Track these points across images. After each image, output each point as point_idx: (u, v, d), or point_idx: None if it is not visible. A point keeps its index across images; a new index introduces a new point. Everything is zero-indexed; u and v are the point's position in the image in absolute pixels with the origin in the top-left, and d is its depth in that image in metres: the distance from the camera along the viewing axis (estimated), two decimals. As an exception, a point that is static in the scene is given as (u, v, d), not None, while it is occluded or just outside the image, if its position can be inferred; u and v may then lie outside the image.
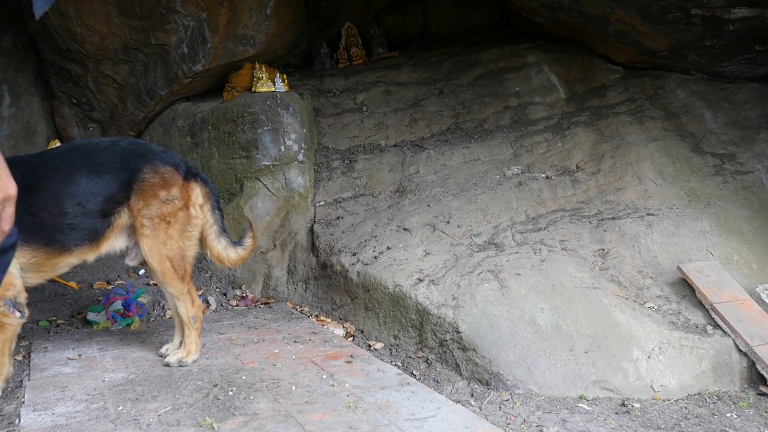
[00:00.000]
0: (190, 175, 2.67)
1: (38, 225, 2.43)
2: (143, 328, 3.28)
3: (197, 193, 2.67)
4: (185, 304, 2.67)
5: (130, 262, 2.74)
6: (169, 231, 2.58)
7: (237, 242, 2.83)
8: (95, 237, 2.54)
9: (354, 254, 3.37)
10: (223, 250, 2.76)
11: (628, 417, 2.43)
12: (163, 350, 2.81)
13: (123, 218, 2.57)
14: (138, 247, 2.65)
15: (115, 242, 2.62)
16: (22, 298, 2.45)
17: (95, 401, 2.29)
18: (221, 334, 3.07)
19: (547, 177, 3.74)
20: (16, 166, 2.48)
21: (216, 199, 2.77)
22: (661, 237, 3.25)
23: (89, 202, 2.49)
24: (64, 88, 4.58)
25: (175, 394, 2.33)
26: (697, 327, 2.84)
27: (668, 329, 2.76)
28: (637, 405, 2.53)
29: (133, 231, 2.61)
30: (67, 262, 2.54)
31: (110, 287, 3.78)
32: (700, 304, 2.94)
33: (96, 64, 4.35)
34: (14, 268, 2.41)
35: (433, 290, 2.93)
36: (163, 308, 3.50)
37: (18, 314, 2.42)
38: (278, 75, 4.36)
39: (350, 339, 3.09)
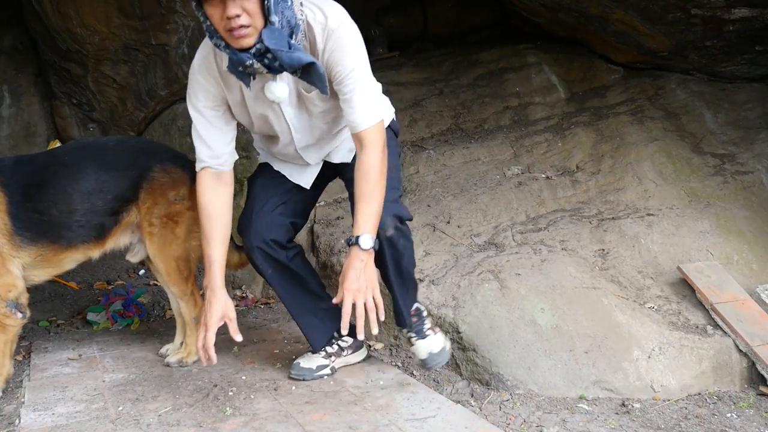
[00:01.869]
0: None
1: (47, 223, 2.43)
2: (143, 329, 3.28)
3: None
4: (188, 305, 2.67)
5: (132, 258, 2.73)
6: (176, 231, 2.58)
7: (240, 246, 2.82)
8: (102, 234, 2.54)
9: (354, 254, 3.36)
10: (226, 253, 2.74)
11: (628, 417, 2.44)
12: (163, 350, 2.81)
13: (131, 216, 2.57)
14: (140, 244, 2.65)
15: (119, 239, 2.62)
16: (24, 299, 2.45)
17: (95, 401, 2.29)
18: (221, 334, 3.07)
19: (548, 177, 3.74)
20: (23, 165, 2.49)
21: None
22: (662, 237, 3.25)
23: (98, 200, 2.49)
24: (64, 89, 4.58)
25: (176, 394, 2.34)
26: (698, 327, 2.85)
27: (668, 329, 2.77)
28: (637, 405, 2.53)
29: (137, 229, 2.61)
30: (73, 258, 2.55)
31: (110, 287, 3.78)
32: (700, 305, 2.94)
33: (96, 65, 4.35)
34: (16, 269, 2.41)
35: (433, 290, 2.93)
36: (163, 308, 3.50)
37: (20, 315, 2.42)
38: (278, 75, 4.36)
39: (350, 339, 3.09)
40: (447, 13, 5.45)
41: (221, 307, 2.19)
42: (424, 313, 2.51)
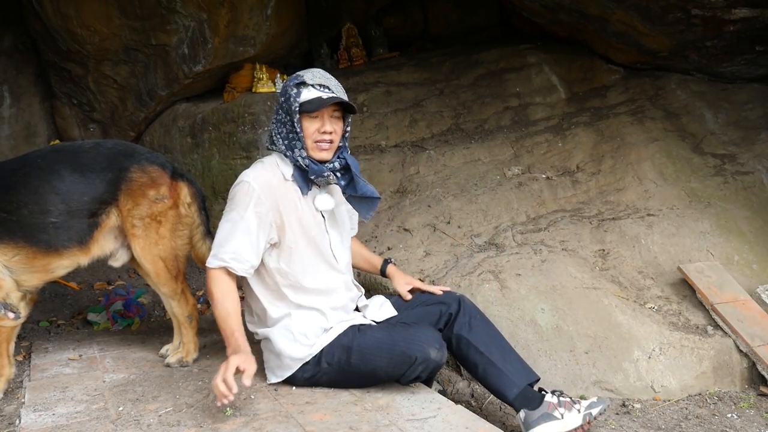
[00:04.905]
0: (176, 174, 2.65)
1: (16, 223, 2.39)
2: (144, 329, 3.29)
3: (185, 192, 2.65)
4: (180, 303, 2.66)
5: (114, 263, 2.69)
6: (160, 231, 2.56)
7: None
8: (84, 239, 2.50)
9: (354, 255, 3.36)
10: (207, 251, 2.73)
11: (628, 417, 2.44)
12: (163, 351, 2.81)
13: (111, 219, 2.54)
14: (122, 248, 2.62)
15: (105, 245, 2.57)
16: (14, 298, 2.41)
17: (96, 402, 2.29)
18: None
19: (548, 177, 3.74)
20: None
21: (202, 199, 2.75)
22: (662, 237, 3.25)
23: (74, 201, 2.45)
24: (64, 89, 4.58)
25: (176, 394, 2.34)
26: (698, 327, 2.84)
27: (669, 330, 2.77)
28: (637, 405, 2.53)
29: (120, 232, 2.58)
30: (59, 263, 2.50)
31: (111, 288, 3.78)
32: (701, 305, 2.94)
33: (96, 65, 4.36)
34: None
35: (433, 291, 2.93)
36: (164, 309, 3.50)
37: (12, 315, 2.39)
38: (279, 75, 4.36)
39: (351, 339, 3.09)
40: (447, 13, 5.45)
41: (254, 364, 2.15)
42: None
